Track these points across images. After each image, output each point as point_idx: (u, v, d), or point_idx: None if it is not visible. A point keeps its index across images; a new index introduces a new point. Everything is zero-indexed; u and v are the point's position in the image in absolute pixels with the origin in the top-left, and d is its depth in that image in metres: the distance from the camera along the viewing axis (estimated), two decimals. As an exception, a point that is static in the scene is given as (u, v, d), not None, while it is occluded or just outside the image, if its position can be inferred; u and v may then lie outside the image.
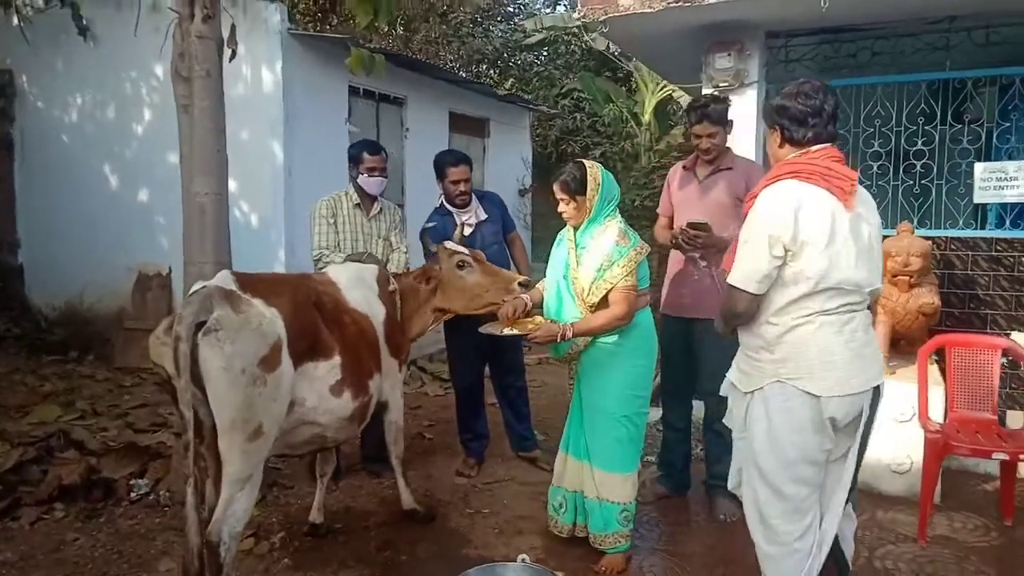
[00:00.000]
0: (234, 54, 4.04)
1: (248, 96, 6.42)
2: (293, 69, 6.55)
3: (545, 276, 3.43)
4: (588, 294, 3.13)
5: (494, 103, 9.92)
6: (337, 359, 3.05)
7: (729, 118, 3.79)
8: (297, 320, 2.85)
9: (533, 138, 11.73)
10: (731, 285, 2.44)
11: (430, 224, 4.27)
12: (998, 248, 4.66)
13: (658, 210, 4.15)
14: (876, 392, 2.45)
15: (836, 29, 5.06)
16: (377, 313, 3.45)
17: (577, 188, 3.15)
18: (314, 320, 3.00)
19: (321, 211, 4.19)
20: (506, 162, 10.49)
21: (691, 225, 3.58)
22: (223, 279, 2.78)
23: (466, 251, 3.74)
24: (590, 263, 3.15)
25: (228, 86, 3.96)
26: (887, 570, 3.29)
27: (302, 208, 4.24)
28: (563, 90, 13.98)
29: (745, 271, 2.40)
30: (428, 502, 3.96)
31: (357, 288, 3.43)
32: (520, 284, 3.61)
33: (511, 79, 14.09)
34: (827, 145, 2.44)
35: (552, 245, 3.40)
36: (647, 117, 13.63)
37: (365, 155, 4.19)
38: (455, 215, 4.25)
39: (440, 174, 4.27)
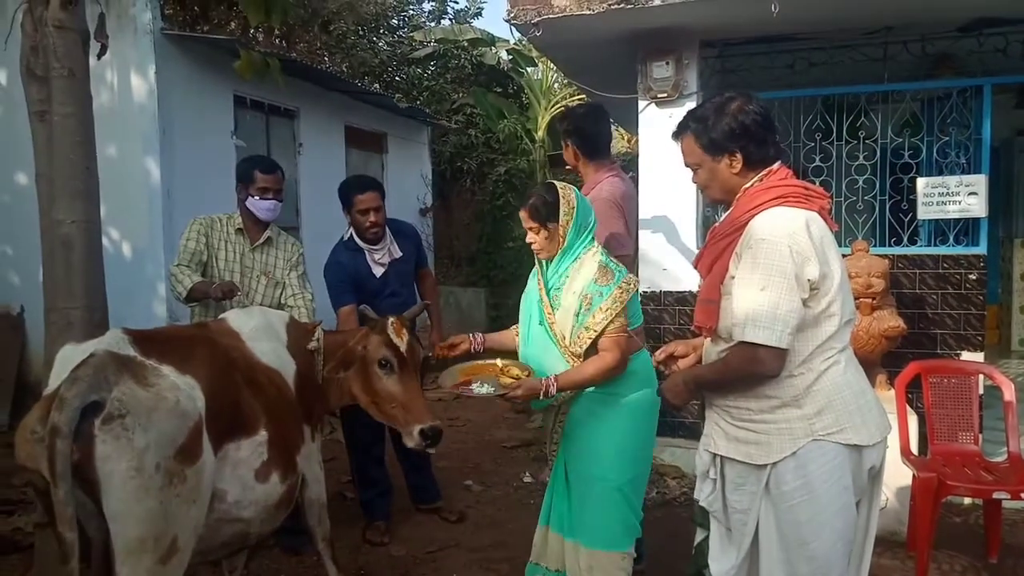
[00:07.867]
0: (104, 49, 3.28)
1: (116, 106, 5.55)
2: (169, 75, 5.71)
3: (518, 321, 2.85)
4: (570, 343, 2.59)
5: (392, 117, 9.30)
6: (263, 434, 2.37)
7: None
8: (218, 389, 2.18)
9: (430, 155, 11.18)
10: (755, 344, 1.95)
11: (334, 261, 3.66)
12: (945, 266, 4.53)
13: None
14: None
15: (771, 39, 4.83)
16: (288, 368, 2.72)
17: (548, 214, 2.59)
18: (236, 386, 2.33)
19: (192, 228, 3.46)
20: (406, 180, 9.87)
21: None
22: (114, 340, 2.05)
23: (404, 341, 2.82)
24: (567, 307, 2.60)
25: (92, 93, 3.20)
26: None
27: (184, 235, 3.50)
28: (454, 105, 13.50)
29: (773, 323, 1.93)
30: (365, 586, 3.33)
31: (264, 339, 2.69)
32: (421, 432, 2.71)
33: (398, 93, 13.45)
34: (780, 162, 2.13)
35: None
36: (541, 134, 13.39)
37: (257, 173, 3.46)
38: (367, 252, 3.66)
39: (346, 203, 3.65)
